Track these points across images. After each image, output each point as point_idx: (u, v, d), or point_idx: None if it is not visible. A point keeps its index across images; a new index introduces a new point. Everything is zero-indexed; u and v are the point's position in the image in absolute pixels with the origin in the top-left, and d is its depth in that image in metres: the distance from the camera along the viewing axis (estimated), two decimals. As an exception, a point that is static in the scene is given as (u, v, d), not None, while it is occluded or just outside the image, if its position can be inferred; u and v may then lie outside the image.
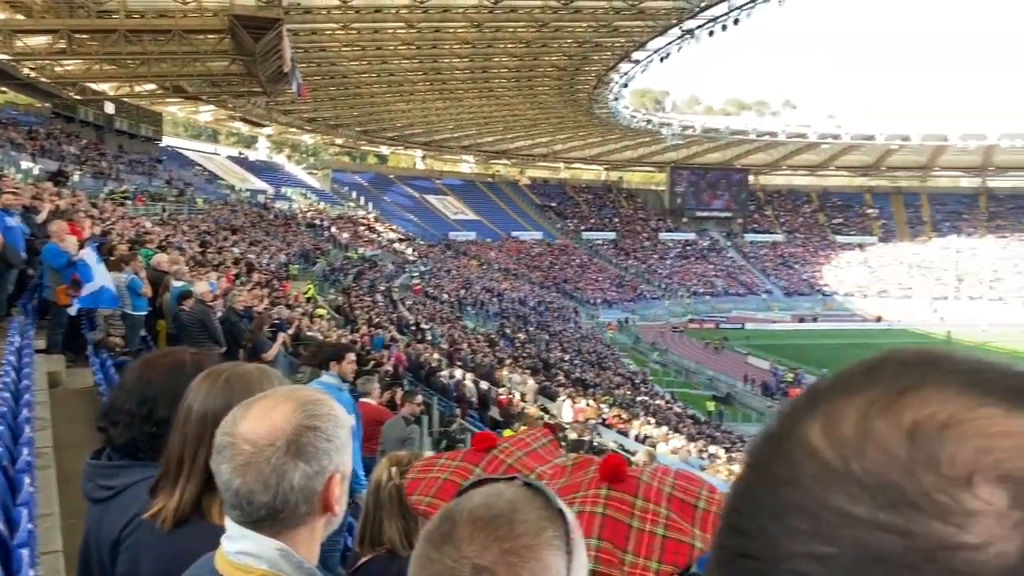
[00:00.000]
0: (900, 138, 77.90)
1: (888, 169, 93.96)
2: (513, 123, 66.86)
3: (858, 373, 0.51)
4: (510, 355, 31.76)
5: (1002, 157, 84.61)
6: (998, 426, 0.43)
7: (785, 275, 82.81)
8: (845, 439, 0.45)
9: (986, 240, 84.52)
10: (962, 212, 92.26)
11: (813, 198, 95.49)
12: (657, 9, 36.05)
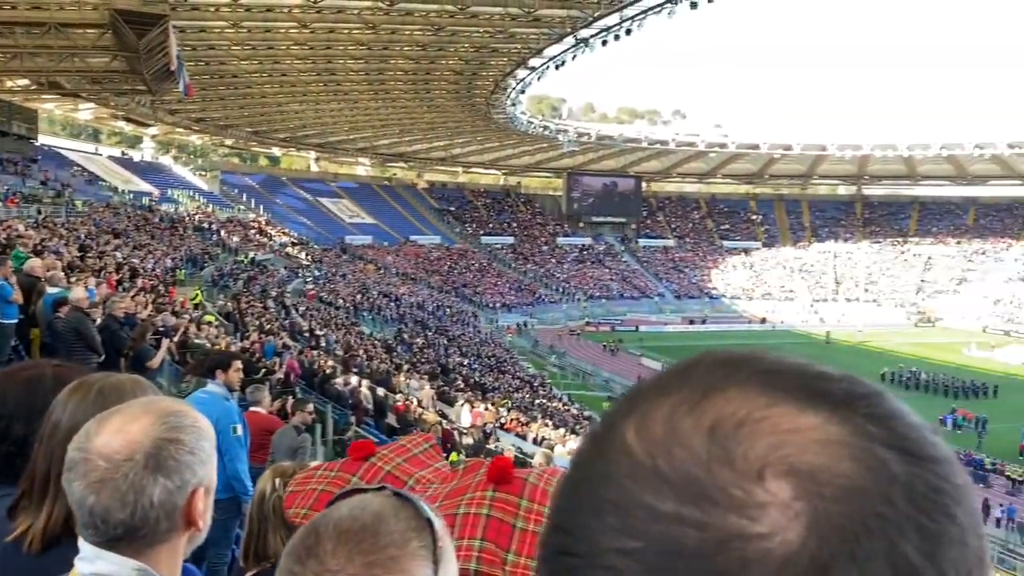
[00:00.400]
0: (782, 147, 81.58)
1: (771, 177, 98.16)
2: (410, 126, 66.42)
3: (673, 375, 0.53)
4: (408, 361, 31.54)
5: (875, 166, 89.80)
6: (789, 423, 0.46)
7: (676, 279, 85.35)
8: (655, 438, 0.47)
9: (861, 245, 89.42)
10: (840, 218, 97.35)
11: (702, 205, 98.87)
12: (552, 17, 36.55)
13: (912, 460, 0.46)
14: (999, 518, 25.76)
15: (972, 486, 0.48)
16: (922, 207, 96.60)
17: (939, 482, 0.46)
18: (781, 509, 0.43)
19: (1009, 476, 29.95)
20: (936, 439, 0.49)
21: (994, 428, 36.73)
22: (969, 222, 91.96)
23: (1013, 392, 45.89)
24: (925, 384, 47.69)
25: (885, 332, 71.00)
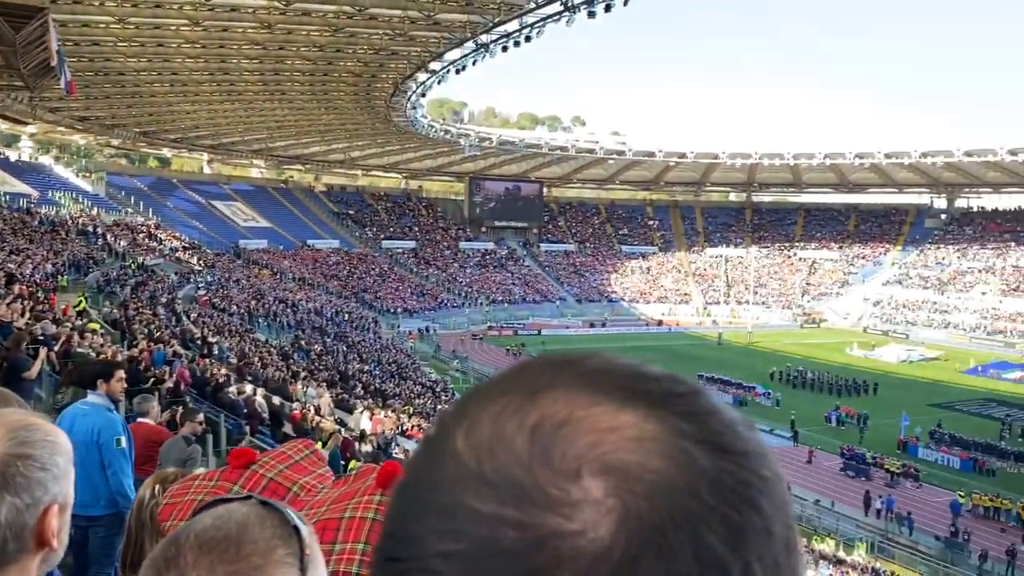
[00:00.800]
0: (677, 155, 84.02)
1: (667, 184, 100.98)
2: (308, 128, 65.11)
3: (505, 377, 0.54)
4: (305, 368, 30.86)
5: (764, 174, 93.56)
6: (608, 422, 0.47)
7: (577, 283, 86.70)
8: (480, 441, 0.48)
9: (751, 250, 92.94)
10: (731, 224, 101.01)
11: (601, 210, 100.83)
12: (452, 22, 36.54)
13: (721, 455, 0.47)
14: (879, 509, 27.20)
15: (782, 478, 0.50)
16: (807, 213, 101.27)
17: (746, 475, 0.48)
18: (594, 506, 0.45)
19: (888, 469, 31.62)
20: (749, 434, 0.51)
21: (874, 424, 38.78)
22: (850, 228, 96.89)
23: (891, 389, 48.60)
24: (811, 382, 49.87)
25: (774, 333, 74.01)
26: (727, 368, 52.45)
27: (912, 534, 25.63)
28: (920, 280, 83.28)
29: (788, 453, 35.16)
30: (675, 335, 72.33)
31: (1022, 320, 70.35)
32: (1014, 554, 23.14)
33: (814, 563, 18.95)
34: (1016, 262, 79.71)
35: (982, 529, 25.71)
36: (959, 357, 60.70)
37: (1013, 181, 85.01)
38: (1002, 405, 45.19)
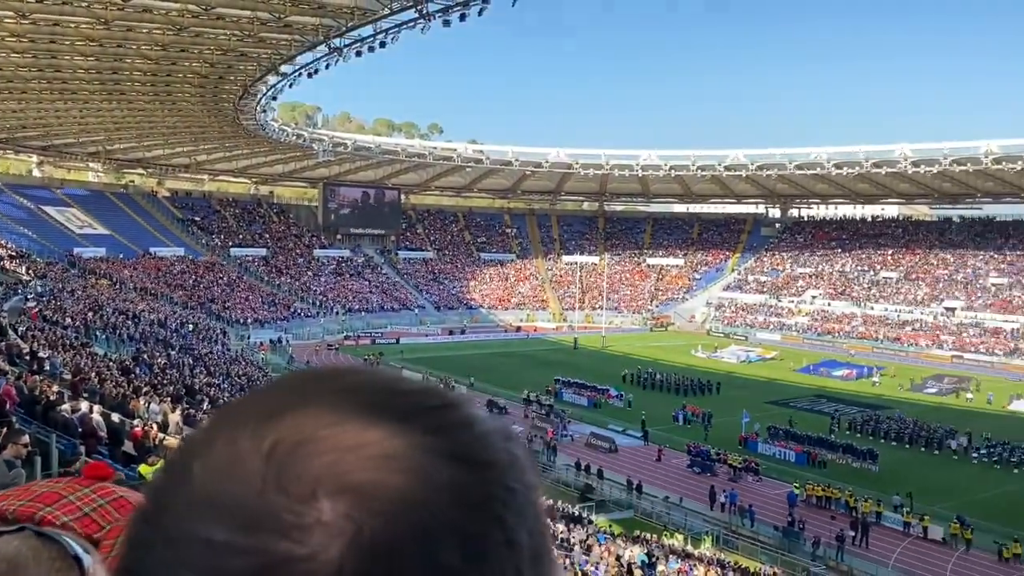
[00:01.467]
0: (533, 165, 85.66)
1: (524, 193, 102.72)
2: (150, 130, 61.74)
3: (250, 397, 0.52)
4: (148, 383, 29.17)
5: (615, 185, 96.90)
6: (352, 440, 0.46)
7: (436, 290, 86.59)
8: (216, 464, 0.47)
9: (604, 257, 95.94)
10: (585, 232, 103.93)
11: (460, 218, 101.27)
12: (304, 24, 35.67)
13: (466, 468, 0.47)
14: (723, 503, 28.64)
15: (533, 488, 0.50)
16: (655, 222, 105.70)
17: (490, 488, 0.47)
18: (326, 529, 0.44)
19: (731, 464, 33.37)
20: (503, 445, 0.50)
21: (718, 421, 40.83)
22: (694, 236, 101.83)
23: (733, 388, 51.37)
24: (660, 383, 51.93)
25: (625, 337, 76.64)
26: (583, 371, 53.81)
27: (753, 525, 27.14)
28: (757, 285, 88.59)
29: (640, 452, 36.48)
30: (533, 340, 73.52)
31: (848, 322, 76.20)
32: (843, 539, 24.98)
33: (664, 558, 19.69)
34: (842, 268, 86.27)
35: (815, 518, 27.58)
36: (793, 357, 64.95)
37: (839, 193, 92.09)
38: (831, 401, 48.73)
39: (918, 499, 28.54)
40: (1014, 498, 30.73)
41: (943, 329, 70.21)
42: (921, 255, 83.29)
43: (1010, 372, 60.19)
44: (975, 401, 50.51)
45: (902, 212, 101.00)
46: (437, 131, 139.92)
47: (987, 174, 72.77)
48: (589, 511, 27.07)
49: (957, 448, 37.20)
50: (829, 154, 74.89)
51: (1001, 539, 25.07)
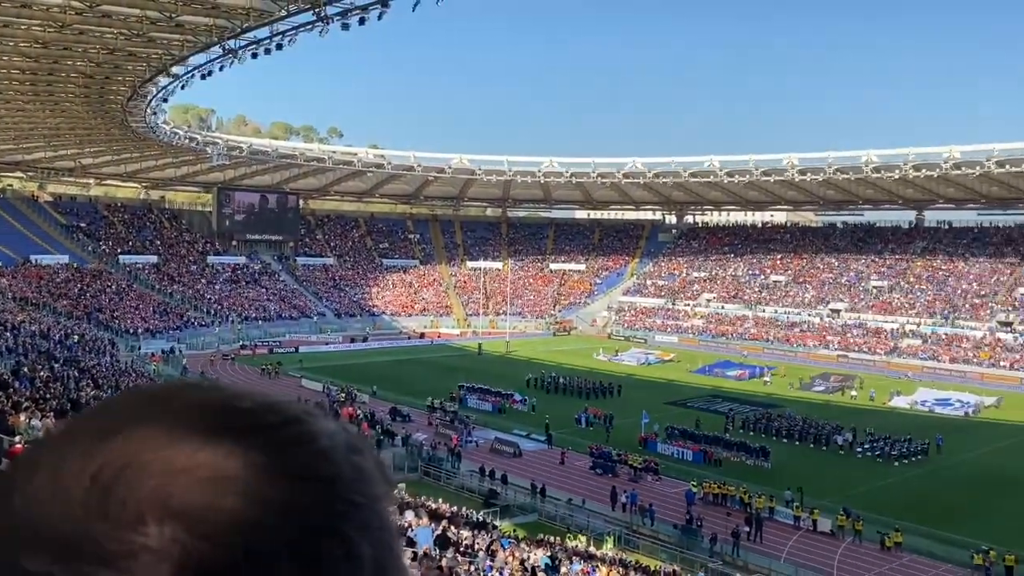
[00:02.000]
0: (436, 171, 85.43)
1: (427, 198, 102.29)
2: (30, 131, 58.47)
3: (81, 417, 0.50)
4: (29, 397, 27.60)
5: (517, 191, 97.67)
6: (184, 462, 0.44)
7: (337, 297, 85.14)
8: (39, 491, 0.44)
9: (508, 263, 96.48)
10: (488, 238, 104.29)
11: (361, 223, 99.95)
12: (197, 24, 34.49)
13: (304, 486, 0.46)
14: (624, 503, 29.16)
15: (378, 499, 0.49)
16: (557, 228, 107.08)
17: (329, 503, 0.47)
18: (153, 555, 0.42)
19: (631, 465, 34.05)
20: (346, 459, 0.49)
21: (619, 423, 41.62)
22: (595, 241, 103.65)
23: (633, 390, 52.45)
24: (563, 387, 52.53)
25: (529, 342, 77.24)
26: (487, 377, 53.91)
27: (653, 524, 27.77)
28: (656, 289, 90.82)
29: (543, 456, 36.79)
30: (437, 347, 73.20)
31: (740, 324, 79.00)
32: (738, 535, 25.84)
33: (567, 560, 19.90)
34: (734, 272, 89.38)
35: (712, 514, 28.42)
36: (689, 358, 66.86)
37: (731, 200, 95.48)
38: (726, 400, 50.40)
39: (808, 494, 29.79)
40: (895, 490, 32.47)
41: (829, 330, 73.64)
42: (808, 259, 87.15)
43: (890, 370, 63.66)
44: (859, 398, 53.20)
45: (790, 218, 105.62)
46: (337, 135, 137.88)
47: (868, 182, 76.88)
48: (493, 516, 27.10)
49: (843, 444, 39.04)
50: (721, 162, 77.59)
51: (883, 529, 26.43)
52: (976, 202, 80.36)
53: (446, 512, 23.41)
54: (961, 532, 26.85)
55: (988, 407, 50.08)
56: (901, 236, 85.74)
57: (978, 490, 32.54)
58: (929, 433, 40.46)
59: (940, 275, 76.24)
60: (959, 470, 35.65)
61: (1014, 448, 40.37)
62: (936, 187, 76.85)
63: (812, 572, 23.49)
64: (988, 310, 68.88)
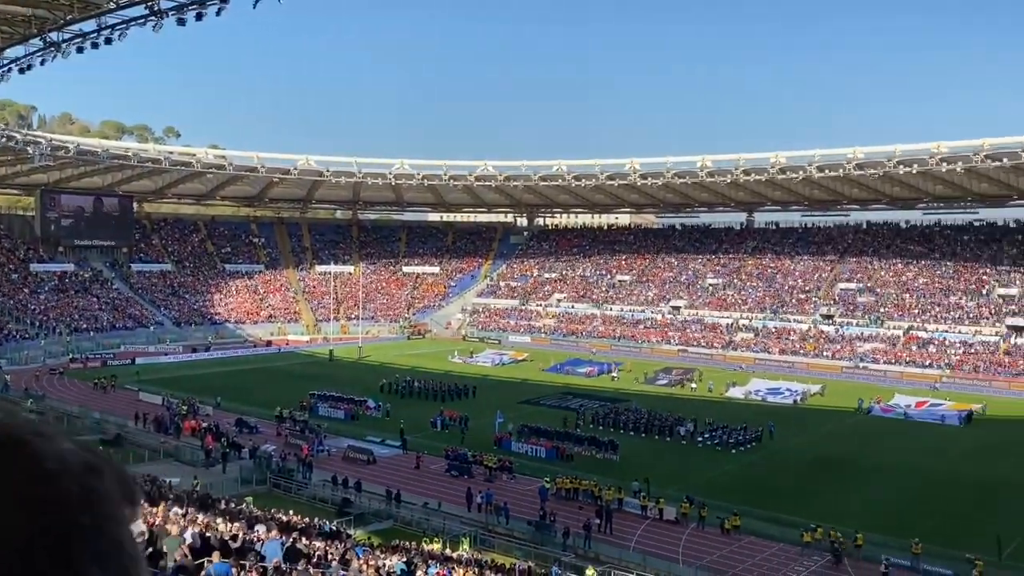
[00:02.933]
0: (281, 172, 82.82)
1: (272, 200, 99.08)
2: None
3: None
4: None
5: (368, 193, 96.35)
6: None
7: (176, 305, 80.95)
8: None
9: (359, 266, 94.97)
10: (338, 241, 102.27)
11: (201, 227, 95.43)
12: (13, 14, 31.92)
13: (26, 511, 0.44)
14: (480, 504, 29.38)
15: (111, 519, 0.48)
16: (410, 231, 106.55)
17: (54, 526, 0.45)
18: None
19: (486, 465, 34.36)
20: (76, 481, 0.47)
21: (475, 424, 41.90)
22: (449, 244, 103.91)
23: (488, 391, 52.93)
24: (418, 391, 52.29)
25: (383, 346, 76.40)
26: (339, 384, 52.88)
27: (508, 523, 28.13)
28: (508, 290, 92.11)
29: (399, 461, 36.49)
30: (286, 355, 71.10)
31: (589, 322, 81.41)
32: (589, 528, 26.61)
33: (424, 564, 19.81)
34: (583, 273, 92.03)
35: (565, 509, 29.12)
36: (542, 357, 68.25)
37: (578, 203, 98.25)
38: (577, 397, 51.79)
39: (654, 484, 31.09)
40: (734, 476, 34.45)
41: (670, 326, 77.18)
42: (650, 259, 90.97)
43: (727, 363, 67.49)
44: (698, 390, 56.08)
45: (633, 220, 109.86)
46: (174, 135, 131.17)
47: (703, 186, 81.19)
48: (347, 525, 26.61)
49: (685, 434, 41.03)
50: (569, 167, 79.69)
51: (723, 514, 27.98)
52: (800, 204, 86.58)
53: (297, 524, 22.77)
54: (793, 512, 28.82)
55: (814, 395, 54.04)
56: (734, 236, 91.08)
57: (806, 473, 35.06)
58: (762, 421, 43.19)
59: (769, 272, 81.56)
60: (789, 455, 38.26)
61: (837, 432, 43.80)
62: (764, 190, 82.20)
63: (659, 559, 24.51)
64: (812, 304, 74.34)
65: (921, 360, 62.27)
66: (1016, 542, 26.11)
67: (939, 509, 30.09)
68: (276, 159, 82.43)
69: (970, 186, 71.52)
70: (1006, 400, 53.05)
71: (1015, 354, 60.03)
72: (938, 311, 67.81)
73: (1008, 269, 70.12)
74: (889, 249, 78.93)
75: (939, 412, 47.75)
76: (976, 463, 36.89)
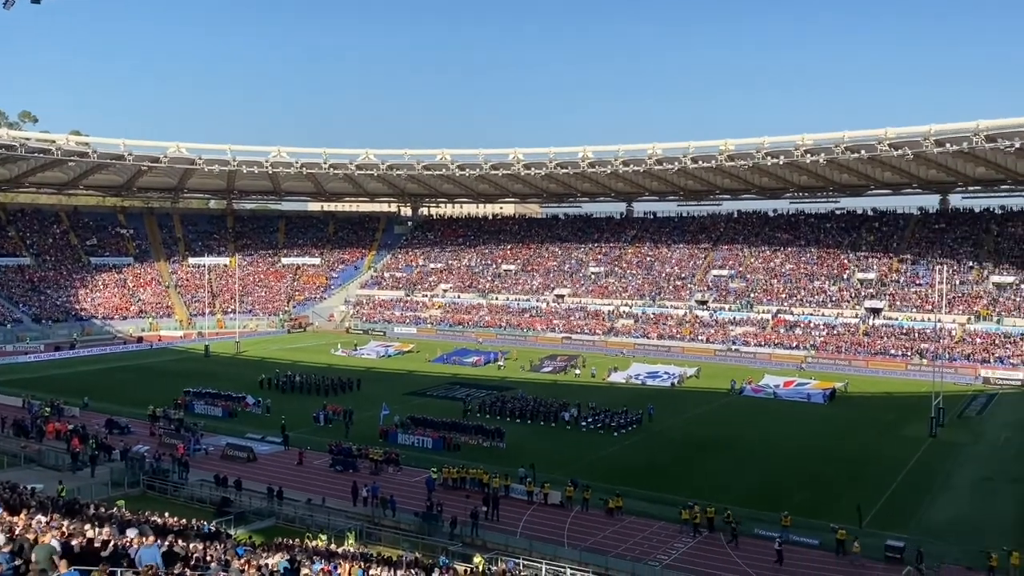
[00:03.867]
0: (150, 160, 78.84)
1: (140, 190, 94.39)
2: None
3: None
4: None
5: (243, 182, 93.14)
6: None
7: (36, 301, 76.04)
8: None
9: (235, 258, 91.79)
10: (213, 232, 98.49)
11: (63, 218, 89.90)
12: None
13: None
14: (365, 497, 28.98)
15: None
16: (288, 221, 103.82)
17: None
18: None
19: (372, 458, 33.91)
20: None
21: (360, 417, 41.30)
22: (330, 234, 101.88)
23: (372, 384, 52.32)
24: (299, 385, 51.05)
25: (262, 340, 74.23)
26: (217, 380, 51.07)
27: (395, 515, 27.86)
28: (393, 281, 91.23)
29: (281, 457, 35.56)
30: (158, 351, 68.09)
31: (476, 312, 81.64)
32: (477, 516, 26.69)
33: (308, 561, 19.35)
34: (469, 262, 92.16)
35: (452, 498, 29.10)
36: (428, 348, 68.00)
37: (463, 192, 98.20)
38: (464, 386, 51.87)
39: (540, 469, 31.52)
40: (616, 458, 35.34)
41: (555, 314, 78.38)
42: (535, 249, 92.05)
43: (609, 348, 69.17)
44: (582, 376, 57.25)
45: (518, 210, 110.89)
46: (31, 120, 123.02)
47: (584, 176, 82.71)
48: (228, 525, 25.70)
49: (569, 419, 41.79)
50: (453, 155, 79.41)
51: (606, 495, 28.66)
52: (676, 194, 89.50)
53: (174, 526, 21.81)
54: (671, 491, 29.84)
55: (690, 377, 56.12)
56: (614, 226, 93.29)
57: (684, 452, 36.38)
58: (643, 404, 44.53)
59: (648, 260, 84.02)
60: (668, 435, 39.61)
61: (711, 413, 45.66)
62: (642, 181, 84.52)
63: (545, 543, 24.86)
64: (688, 291, 77.09)
65: (788, 342, 65.68)
66: (875, 510, 27.95)
67: (806, 482, 31.82)
68: (145, 146, 78.27)
69: (832, 176, 75.79)
70: (865, 378, 56.70)
71: (873, 335, 64.18)
72: (803, 295, 71.64)
73: (866, 255, 74.83)
74: (758, 237, 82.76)
75: (805, 391, 50.53)
76: (839, 437, 39.26)
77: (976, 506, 28.94)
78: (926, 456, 35.66)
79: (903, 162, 67.60)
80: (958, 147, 59.79)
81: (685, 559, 23.87)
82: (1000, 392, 51.99)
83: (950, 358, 57.87)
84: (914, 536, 24.96)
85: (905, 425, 41.70)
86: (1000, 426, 42.46)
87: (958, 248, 71.82)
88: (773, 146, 67.03)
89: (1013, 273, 66.07)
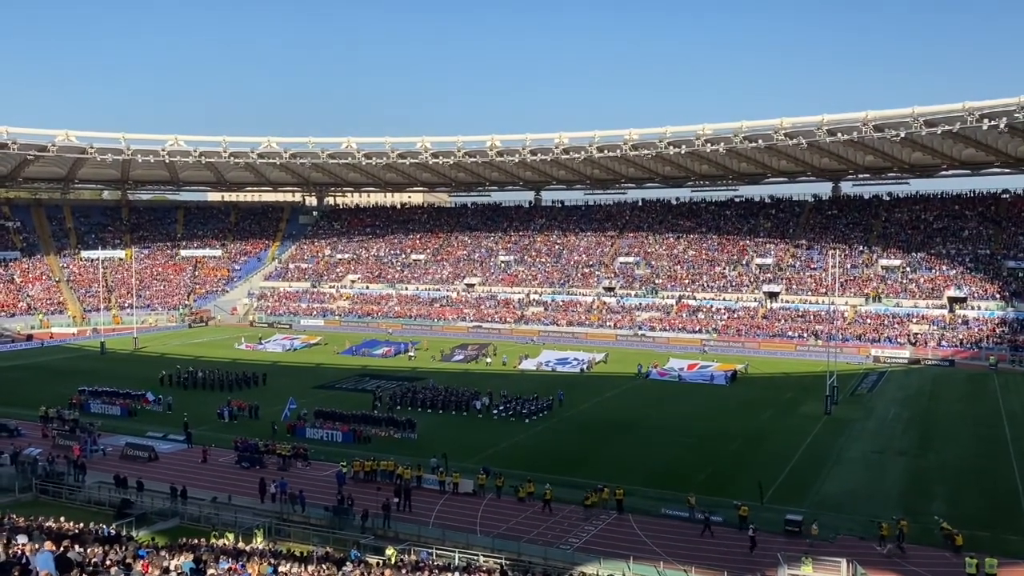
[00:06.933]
0: (37, 148, 74.79)
1: (27, 180, 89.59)
2: None
3: None
4: None
5: (139, 172, 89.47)
6: None
7: (-88, 299, 71.35)
8: None
9: (131, 251, 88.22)
10: (107, 224, 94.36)
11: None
12: None
13: None
14: (274, 494, 28.38)
15: None
16: (187, 212, 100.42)
17: None
18: None
19: (280, 454, 33.23)
20: None
21: (266, 412, 40.44)
22: (232, 225, 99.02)
23: (278, 377, 51.26)
24: (202, 381, 49.58)
25: (162, 336, 71.70)
26: (114, 378, 49.11)
27: (305, 510, 27.39)
28: (299, 272, 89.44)
29: (184, 456, 34.48)
30: (50, 349, 64.96)
31: (385, 303, 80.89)
32: (388, 508, 26.51)
33: (215, 560, 18.87)
34: (377, 253, 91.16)
35: (363, 491, 28.81)
36: (337, 340, 67.03)
37: (370, 182, 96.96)
38: (374, 378, 51.40)
39: (452, 458, 31.53)
40: (527, 445, 35.70)
41: (465, 303, 78.44)
42: (444, 238, 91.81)
43: (519, 336, 69.72)
44: (493, 364, 57.52)
45: (426, 199, 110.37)
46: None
47: (493, 165, 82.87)
48: (128, 527, 24.79)
49: (481, 408, 41.96)
50: (359, 144, 78.23)
51: (517, 482, 28.93)
52: (583, 183, 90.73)
53: (70, 531, 20.90)
54: (580, 475, 30.35)
55: (599, 363, 57.14)
56: (523, 215, 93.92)
57: (593, 436, 37.03)
58: (552, 390, 45.10)
59: (556, 249, 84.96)
60: (577, 420, 40.25)
61: (618, 397, 46.63)
62: (550, 170, 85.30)
63: (457, 531, 24.92)
64: (595, 278, 78.36)
65: (691, 326, 67.64)
66: (775, 486, 29.14)
67: (711, 462, 32.89)
68: (31, 134, 74.10)
69: (731, 165, 78.24)
70: (764, 359, 58.95)
71: (771, 317, 66.73)
72: (705, 280, 73.86)
73: (764, 240, 77.64)
74: (662, 224, 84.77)
75: (708, 372, 52.18)
76: (741, 417, 40.71)
77: (867, 479, 30.52)
78: (822, 433, 37.37)
79: (798, 151, 70.39)
80: (848, 136, 62.66)
81: (594, 541, 24.35)
82: (889, 370, 54.96)
83: (843, 339, 60.76)
84: (811, 510, 26.15)
85: (802, 404, 43.60)
86: (889, 402, 44.89)
87: (849, 233, 75.35)
88: (675, 136, 68.66)
89: (899, 257, 69.79)
